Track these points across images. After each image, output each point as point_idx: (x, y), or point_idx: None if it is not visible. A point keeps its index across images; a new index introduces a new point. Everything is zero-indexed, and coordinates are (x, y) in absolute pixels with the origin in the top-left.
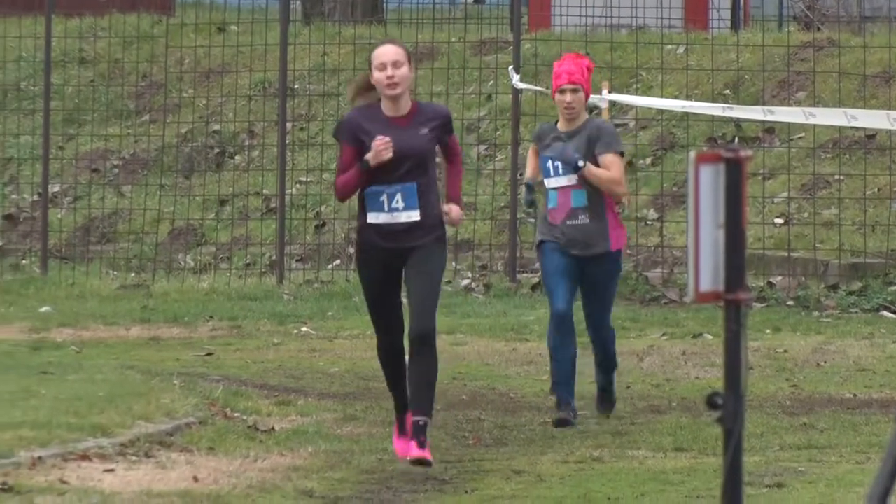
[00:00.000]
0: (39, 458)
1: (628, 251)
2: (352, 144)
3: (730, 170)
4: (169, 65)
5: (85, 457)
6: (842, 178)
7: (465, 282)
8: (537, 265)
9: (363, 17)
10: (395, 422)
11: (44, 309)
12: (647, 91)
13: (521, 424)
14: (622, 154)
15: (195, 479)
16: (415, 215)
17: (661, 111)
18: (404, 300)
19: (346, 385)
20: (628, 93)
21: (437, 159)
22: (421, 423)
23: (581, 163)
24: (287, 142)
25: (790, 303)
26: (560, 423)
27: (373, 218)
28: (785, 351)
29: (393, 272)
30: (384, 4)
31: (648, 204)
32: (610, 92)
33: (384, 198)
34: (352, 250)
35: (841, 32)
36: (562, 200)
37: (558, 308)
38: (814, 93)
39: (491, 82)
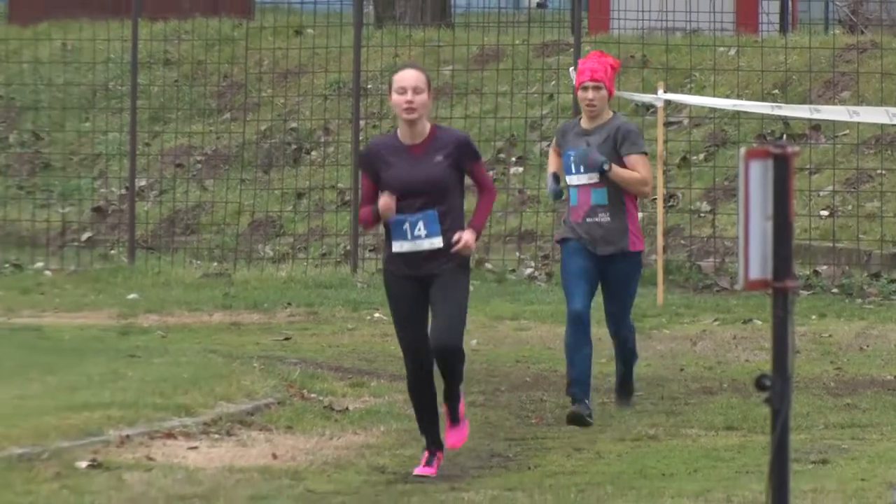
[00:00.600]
0: (127, 436)
1: (682, 241)
2: (370, 178)
3: (778, 165)
4: (249, 66)
5: (170, 435)
6: (884, 172)
7: (529, 270)
8: None
9: (433, 21)
10: (425, 451)
11: (131, 296)
12: (700, 91)
13: None
14: (646, 153)
15: (274, 456)
16: (437, 242)
17: (713, 110)
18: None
19: None
20: (682, 92)
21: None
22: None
23: (606, 166)
24: (360, 138)
25: (835, 290)
26: (574, 418)
27: (397, 247)
28: (830, 335)
29: (419, 294)
30: (452, 9)
31: (701, 197)
32: (665, 91)
33: (406, 226)
34: None
35: (883, 35)
36: (582, 199)
37: (575, 308)
38: (857, 92)
39: (553, 82)
